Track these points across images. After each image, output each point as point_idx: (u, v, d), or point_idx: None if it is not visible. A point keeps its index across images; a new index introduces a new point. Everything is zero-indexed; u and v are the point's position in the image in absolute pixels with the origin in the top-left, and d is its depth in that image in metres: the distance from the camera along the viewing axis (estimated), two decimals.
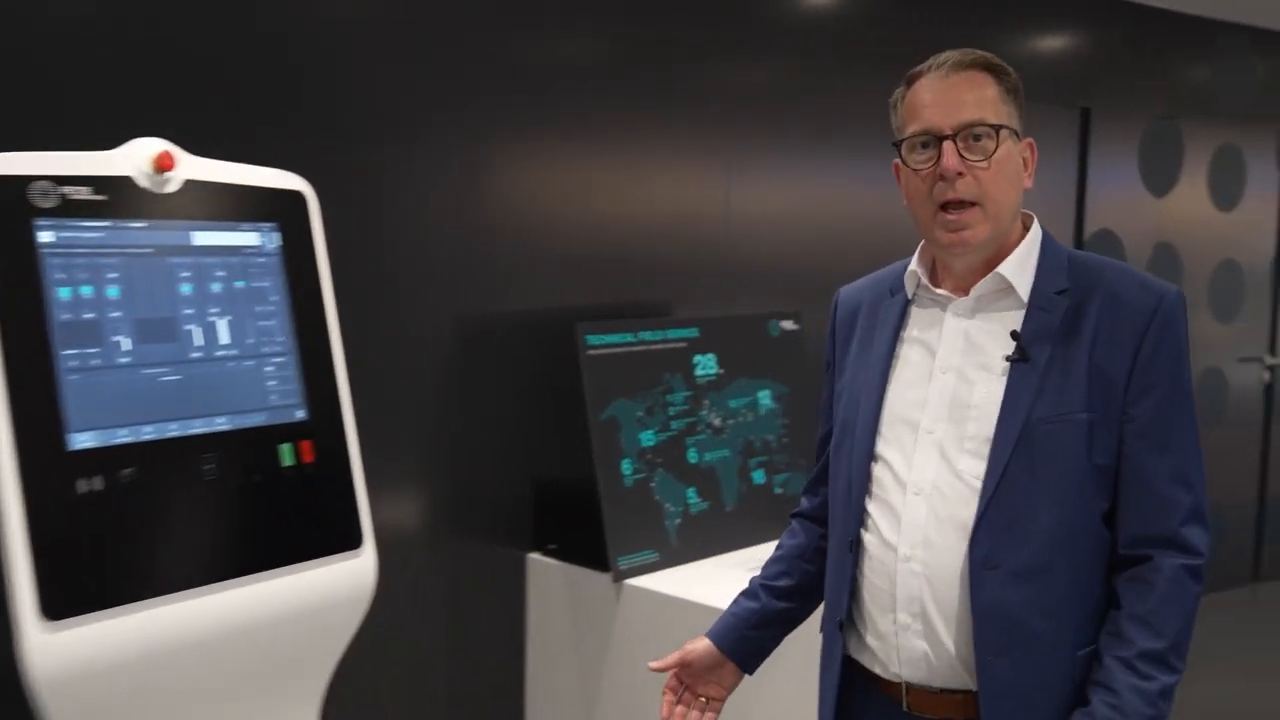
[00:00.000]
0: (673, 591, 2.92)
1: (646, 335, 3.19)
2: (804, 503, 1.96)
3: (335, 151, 2.79)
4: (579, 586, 3.11)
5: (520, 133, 3.15)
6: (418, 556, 3.04)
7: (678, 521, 3.16)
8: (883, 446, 1.69)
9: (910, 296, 1.74)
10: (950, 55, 1.64)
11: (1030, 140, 1.67)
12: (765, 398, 3.46)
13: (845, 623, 1.72)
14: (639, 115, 3.40)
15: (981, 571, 1.56)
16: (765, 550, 3.19)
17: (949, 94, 1.60)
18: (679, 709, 1.87)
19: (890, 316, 1.74)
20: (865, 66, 4.03)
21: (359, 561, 2.11)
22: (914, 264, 1.74)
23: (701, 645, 1.89)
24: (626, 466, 3.07)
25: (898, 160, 1.68)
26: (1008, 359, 1.59)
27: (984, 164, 1.58)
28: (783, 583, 1.90)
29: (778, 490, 3.45)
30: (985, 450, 1.58)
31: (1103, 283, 1.60)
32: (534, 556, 3.23)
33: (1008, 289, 1.63)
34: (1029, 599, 1.55)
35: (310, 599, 2.07)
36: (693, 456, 3.23)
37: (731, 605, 1.92)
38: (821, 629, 1.81)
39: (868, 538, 1.69)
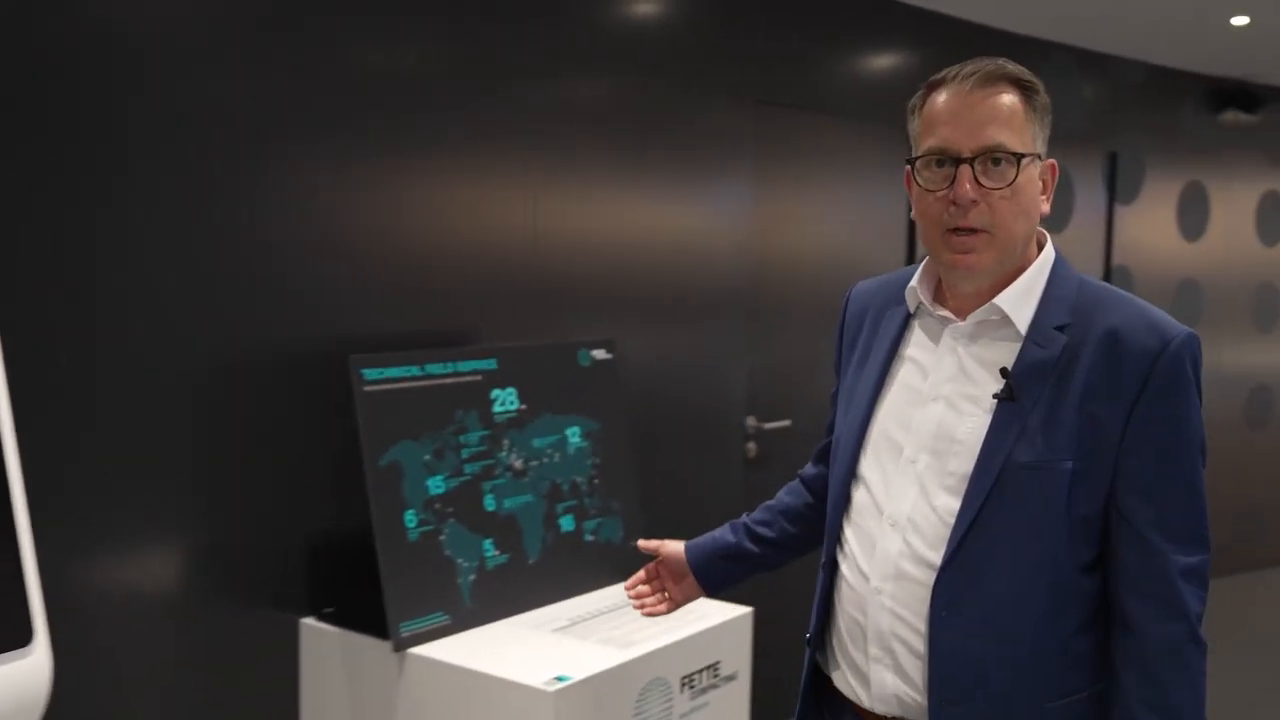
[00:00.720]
0: (464, 661, 2.55)
1: (434, 368, 2.83)
2: (809, 467, 2.01)
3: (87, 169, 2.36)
4: (358, 656, 2.72)
5: (299, 144, 2.76)
6: (166, 630, 2.60)
7: (472, 578, 2.80)
8: (865, 467, 1.66)
9: (912, 310, 1.68)
10: (978, 65, 1.53)
11: (1052, 161, 1.58)
12: (574, 435, 3.13)
13: (815, 640, 1.74)
14: (437, 128, 3.05)
15: (943, 614, 1.52)
16: (576, 605, 2.84)
17: (971, 112, 1.50)
18: (635, 588, 2.08)
19: (891, 328, 1.69)
20: (680, 86, 3.76)
21: (28, 662, 1.69)
22: (916, 279, 1.66)
23: (675, 547, 2.05)
24: (410, 518, 2.69)
25: (909, 169, 1.59)
26: (995, 396, 1.52)
27: (1002, 191, 1.50)
28: (761, 531, 1.99)
29: (589, 538, 3.12)
30: (964, 489, 1.52)
31: (1106, 319, 1.51)
32: (308, 622, 2.83)
33: (1007, 319, 1.56)
34: (989, 647, 1.50)
35: None
36: (490, 504, 2.88)
37: (717, 530, 2.04)
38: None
39: (843, 563, 1.67)
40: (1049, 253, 1.61)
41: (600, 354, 3.26)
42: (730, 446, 4.09)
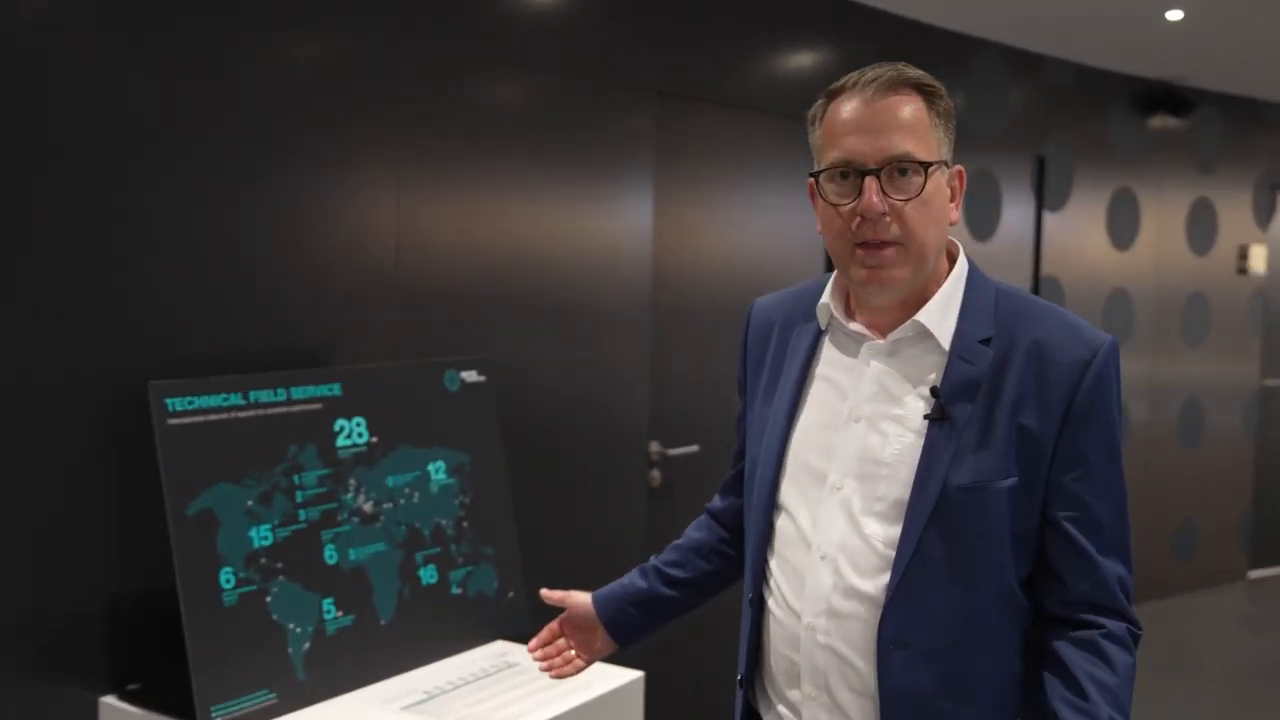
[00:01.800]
0: None
1: (262, 396, 2.38)
2: (716, 500, 1.89)
3: None
4: None
5: (109, 143, 2.29)
6: None
7: (306, 646, 2.35)
8: (787, 495, 1.59)
9: (823, 327, 1.61)
10: (878, 71, 1.47)
11: (959, 168, 1.53)
12: (438, 471, 2.69)
13: (746, 681, 1.65)
14: (285, 124, 2.60)
15: (891, 651, 1.46)
16: (438, 673, 2.45)
17: (875, 120, 1.45)
18: (542, 648, 1.87)
19: (801, 346, 1.63)
20: (574, 76, 3.35)
21: None
22: (827, 295, 1.60)
23: (582, 599, 1.87)
24: (227, 577, 2.24)
25: (812, 182, 1.52)
26: (926, 418, 1.47)
27: (909, 202, 1.45)
28: (674, 573, 1.85)
29: (456, 590, 2.68)
30: (896, 514, 1.47)
31: (1030, 330, 1.48)
32: (109, 701, 2.35)
33: (927, 333, 1.50)
34: (941, 681, 1.46)
35: None
36: (331, 556, 2.43)
37: (625, 577, 1.88)
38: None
39: (770, 599, 1.60)
40: (963, 263, 1.55)
41: (471, 376, 2.83)
42: (632, 476, 3.67)
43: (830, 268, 4.29)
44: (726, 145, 3.94)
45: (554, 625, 1.88)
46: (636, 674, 2.58)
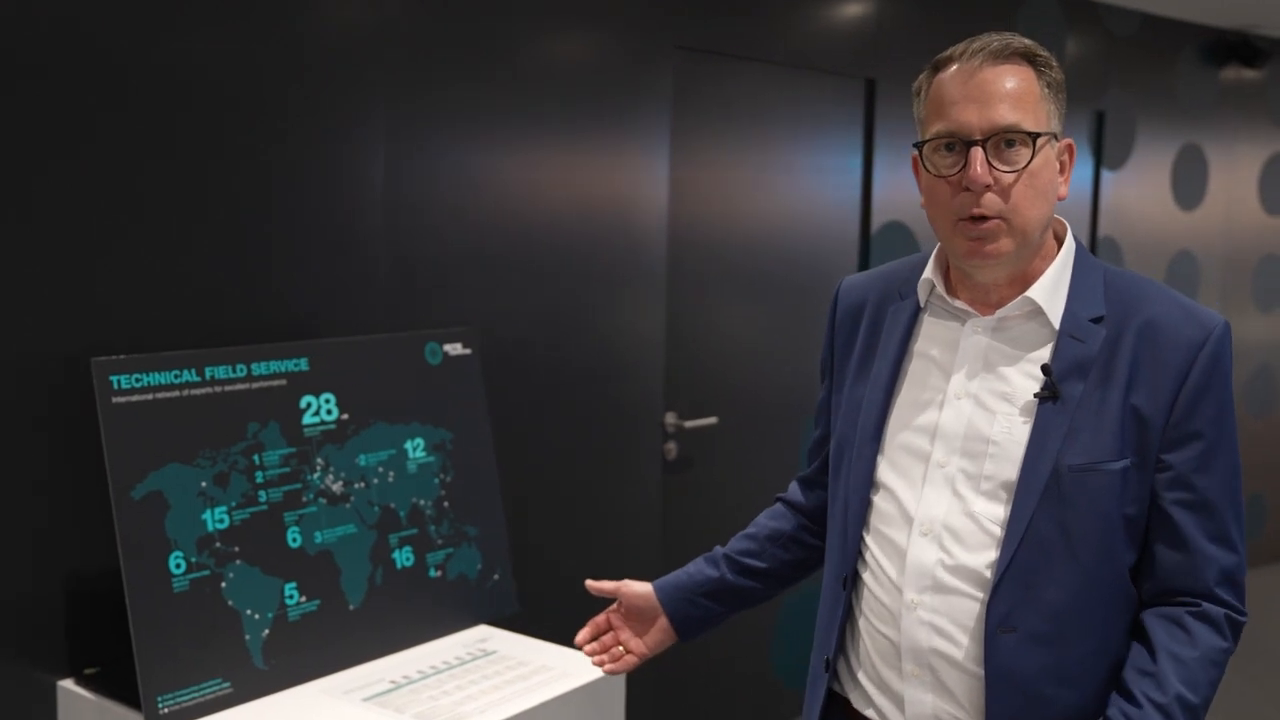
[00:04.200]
0: None
1: (219, 372, 2.27)
2: (796, 493, 1.83)
3: None
4: None
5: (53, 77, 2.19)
6: None
7: (265, 633, 2.25)
8: (885, 473, 1.57)
9: (922, 304, 1.59)
10: (986, 41, 1.45)
11: (1069, 141, 1.51)
12: (416, 449, 2.57)
13: (833, 661, 1.63)
14: (253, 67, 2.48)
15: (998, 633, 1.45)
16: (409, 660, 2.41)
17: (982, 90, 1.43)
18: (593, 643, 1.80)
19: (899, 323, 1.60)
20: (585, 28, 3.18)
21: None
22: (929, 270, 1.57)
23: (641, 587, 1.79)
24: (177, 562, 2.15)
25: (916, 155, 1.51)
26: (1037, 396, 1.45)
27: (1016, 176, 1.42)
28: (749, 562, 1.79)
29: (434, 573, 2.56)
30: (1004, 494, 1.46)
31: (1142, 310, 1.46)
32: (66, 685, 2.29)
33: (1037, 310, 1.49)
34: (1048, 666, 1.44)
35: None
36: (295, 538, 2.32)
37: (688, 566, 1.81)
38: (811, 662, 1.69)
39: (866, 576, 1.58)
40: (1071, 241, 1.53)
41: (455, 349, 2.70)
42: (646, 449, 3.52)
43: (869, 228, 4.11)
44: (748, 101, 3.74)
45: (602, 618, 1.83)
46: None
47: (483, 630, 2.61)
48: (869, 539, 1.59)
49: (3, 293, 2.19)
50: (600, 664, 1.80)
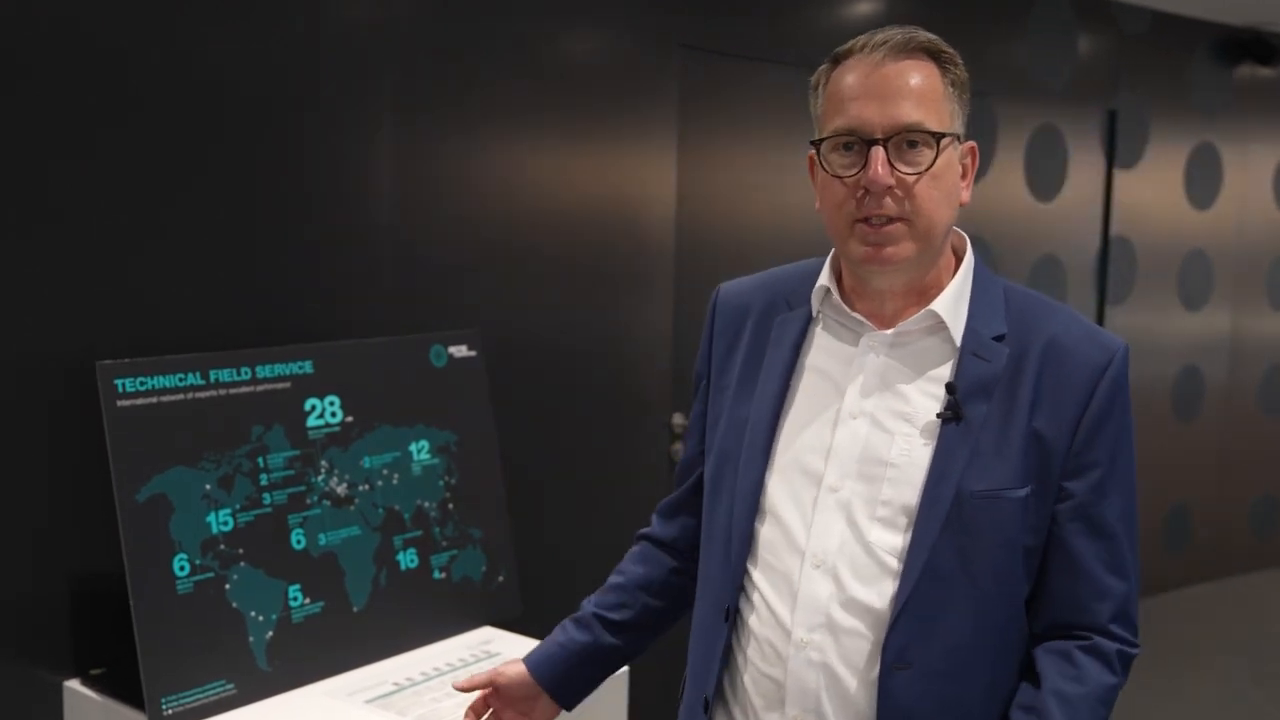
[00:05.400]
0: None
1: (224, 375, 2.28)
2: (655, 525, 1.72)
3: None
4: None
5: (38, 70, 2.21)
6: None
7: (269, 635, 2.26)
8: (773, 498, 1.45)
9: (814, 313, 1.49)
10: (887, 35, 1.37)
11: (973, 144, 1.44)
12: (420, 451, 2.58)
13: (713, 701, 1.50)
14: (251, 66, 2.49)
15: (892, 671, 1.36)
16: (413, 662, 2.37)
17: (883, 86, 1.36)
18: None
19: (787, 334, 1.50)
20: (590, 26, 3.18)
21: None
22: (824, 277, 1.48)
23: (515, 671, 1.66)
24: (181, 564, 2.16)
25: (813, 153, 1.42)
26: (939, 416, 1.38)
27: (918, 177, 1.36)
28: (619, 615, 1.67)
29: (438, 575, 2.57)
30: (902, 521, 1.38)
31: (1044, 329, 1.41)
32: (73, 686, 2.30)
33: (938, 325, 1.42)
34: (942, 704, 1.37)
35: None
36: (299, 541, 2.34)
37: (556, 632, 1.69)
38: (680, 698, 1.58)
39: (749, 612, 1.47)
40: (970, 256, 1.47)
41: (460, 350, 2.71)
42: (652, 449, 3.53)
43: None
44: (755, 101, 3.74)
45: (479, 702, 1.68)
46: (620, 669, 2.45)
47: (487, 632, 2.62)
48: (755, 571, 1.47)
49: (8, 296, 2.20)
50: None
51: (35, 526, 2.26)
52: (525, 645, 2.55)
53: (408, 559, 2.52)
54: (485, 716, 1.67)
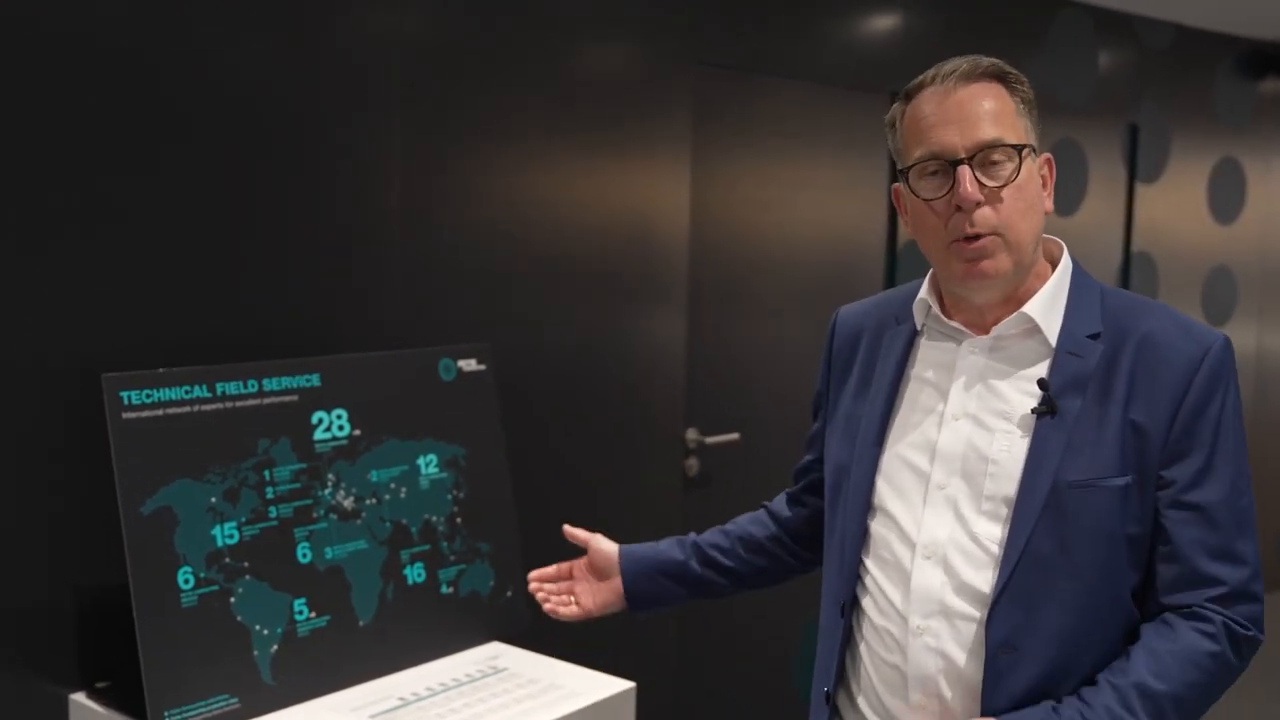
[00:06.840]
0: None
1: (230, 388, 2.28)
2: (776, 501, 1.87)
3: None
4: None
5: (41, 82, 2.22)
6: None
7: (274, 649, 2.25)
8: (884, 498, 1.55)
9: (918, 327, 1.59)
10: (955, 64, 1.46)
11: (1048, 155, 1.51)
12: (429, 464, 2.57)
13: (833, 693, 1.60)
14: (259, 81, 2.49)
15: (998, 654, 1.42)
16: (420, 677, 2.45)
17: (959, 110, 1.44)
18: (547, 585, 1.88)
19: (895, 348, 1.60)
20: (605, 45, 3.18)
21: None
22: (924, 291, 1.58)
23: (608, 547, 1.86)
24: (185, 578, 2.15)
25: (899, 185, 1.52)
26: (1034, 411, 1.44)
27: (1004, 188, 1.43)
28: (715, 555, 1.83)
29: (446, 590, 2.56)
30: (1004, 512, 1.44)
31: (1139, 326, 1.46)
32: (78, 699, 2.30)
33: (1033, 328, 1.49)
34: (1048, 688, 1.42)
35: None
36: (305, 554, 2.33)
37: (660, 541, 1.86)
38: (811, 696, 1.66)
39: (867, 602, 1.56)
40: (1067, 260, 1.54)
41: (469, 364, 2.70)
42: (666, 464, 3.51)
43: (895, 242, 4.07)
44: (770, 117, 3.72)
45: (566, 566, 1.89)
46: (628, 685, 2.43)
47: (494, 647, 2.61)
48: (870, 564, 1.57)
49: (14, 307, 2.21)
50: (544, 600, 1.87)
51: (40, 539, 2.26)
52: (534, 660, 2.53)
53: (415, 573, 2.50)
54: (553, 587, 1.87)
